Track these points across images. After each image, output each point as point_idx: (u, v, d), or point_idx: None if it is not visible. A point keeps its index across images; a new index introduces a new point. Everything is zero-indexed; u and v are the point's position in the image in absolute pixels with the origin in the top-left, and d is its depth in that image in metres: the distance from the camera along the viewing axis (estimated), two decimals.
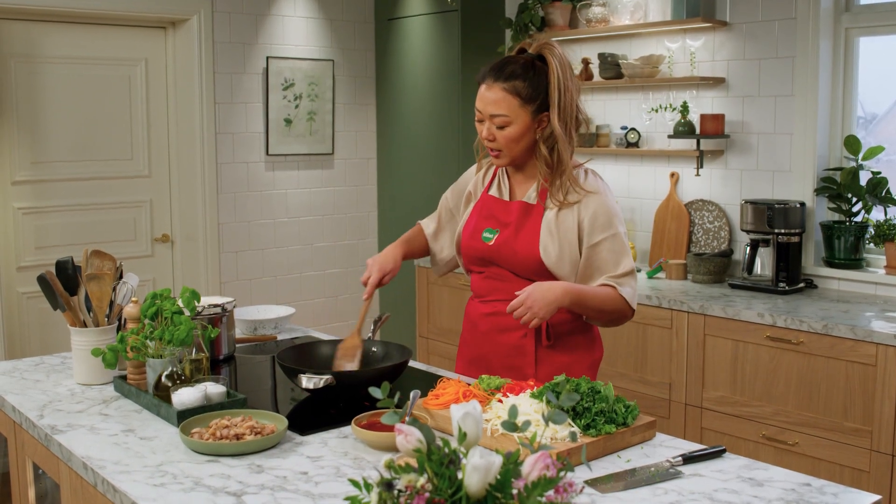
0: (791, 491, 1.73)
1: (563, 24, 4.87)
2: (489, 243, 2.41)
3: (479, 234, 2.43)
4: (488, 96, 2.32)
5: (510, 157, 2.36)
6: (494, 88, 2.31)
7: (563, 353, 2.41)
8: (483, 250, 2.42)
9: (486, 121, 2.34)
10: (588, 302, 2.29)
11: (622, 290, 2.32)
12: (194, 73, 4.97)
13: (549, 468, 1.18)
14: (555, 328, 2.39)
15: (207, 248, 5.11)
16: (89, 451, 1.95)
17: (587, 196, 2.33)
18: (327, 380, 2.16)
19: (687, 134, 4.27)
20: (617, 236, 2.34)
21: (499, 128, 2.32)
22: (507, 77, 2.30)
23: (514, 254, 2.36)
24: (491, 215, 2.44)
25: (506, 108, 2.29)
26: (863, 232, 3.93)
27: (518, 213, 2.39)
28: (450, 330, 4.88)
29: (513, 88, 2.29)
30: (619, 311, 2.34)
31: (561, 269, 2.32)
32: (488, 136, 2.34)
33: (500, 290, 2.41)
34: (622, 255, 2.34)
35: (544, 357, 2.40)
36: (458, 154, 5.21)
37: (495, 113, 2.30)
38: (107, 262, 2.53)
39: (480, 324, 2.49)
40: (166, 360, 2.23)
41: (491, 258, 2.41)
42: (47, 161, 4.70)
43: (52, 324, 4.67)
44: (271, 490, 1.73)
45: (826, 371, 3.37)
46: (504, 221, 2.41)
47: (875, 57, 4.01)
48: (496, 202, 2.45)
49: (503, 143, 2.33)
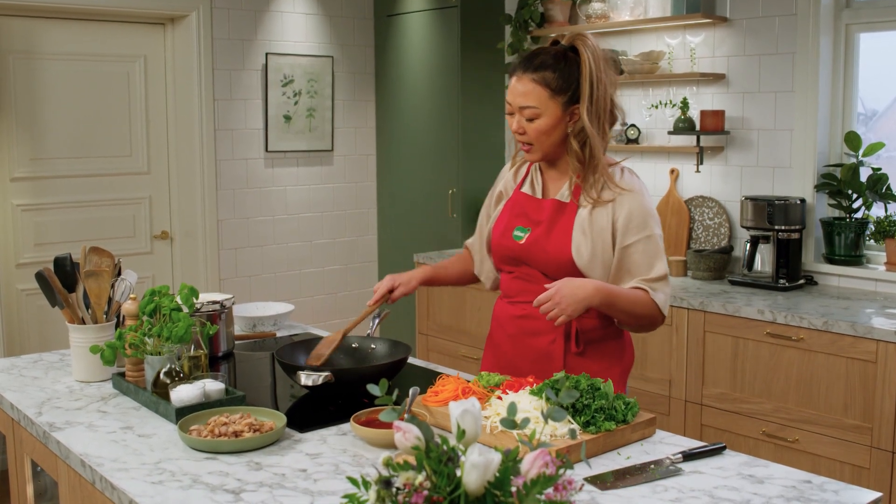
0: (791, 488, 1.72)
1: (562, 20, 4.86)
2: (520, 242, 2.32)
3: (510, 233, 2.35)
4: (518, 88, 2.25)
5: (541, 150, 2.28)
6: (524, 80, 2.24)
7: (592, 360, 2.31)
8: (514, 249, 2.33)
9: (516, 113, 2.27)
10: (619, 303, 2.19)
11: (654, 294, 2.22)
12: (193, 69, 4.96)
13: (548, 466, 1.17)
14: (585, 334, 2.29)
15: (207, 245, 5.10)
16: (87, 449, 1.95)
17: (622, 194, 2.24)
18: (326, 377, 2.15)
19: (687, 130, 4.27)
20: (652, 238, 2.24)
21: (528, 120, 2.24)
22: (537, 68, 2.23)
23: (544, 253, 2.27)
24: (522, 213, 2.36)
25: (535, 99, 2.22)
26: (863, 228, 3.92)
27: (550, 212, 2.30)
28: (449, 327, 4.88)
29: (542, 79, 2.21)
30: (649, 316, 2.24)
31: (593, 271, 2.24)
32: (518, 128, 2.27)
33: (529, 291, 2.31)
34: (656, 258, 2.24)
35: (573, 364, 2.29)
36: (458, 150, 5.20)
37: (524, 105, 2.23)
38: (105, 259, 2.52)
39: (508, 326, 2.40)
40: (165, 357, 2.22)
41: (521, 257, 2.33)
42: (46, 158, 4.69)
43: (51, 321, 4.66)
44: (270, 487, 1.73)
45: (826, 368, 3.36)
46: (536, 220, 2.32)
47: (875, 53, 4.00)
48: (528, 200, 2.37)
49: (533, 137, 2.25)
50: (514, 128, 2.28)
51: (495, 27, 5.22)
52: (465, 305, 4.78)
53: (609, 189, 2.25)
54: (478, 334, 4.72)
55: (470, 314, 4.76)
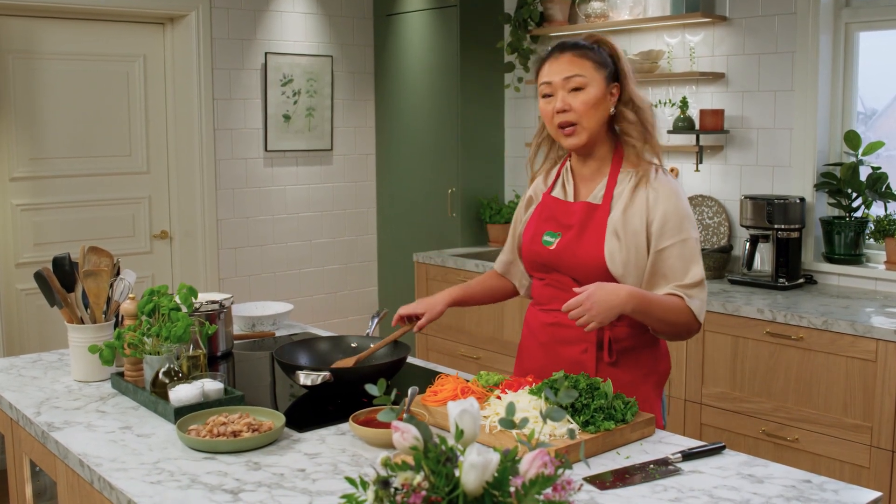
0: (791, 488, 1.72)
1: (562, 19, 4.86)
2: (550, 248, 2.22)
3: (540, 238, 2.26)
4: (557, 64, 2.16)
5: (588, 130, 2.16)
6: (563, 56, 2.16)
7: (625, 370, 2.21)
8: (543, 255, 2.24)
9: (556, 92, 2.16)
10: (653, 310, 2.07)
11: (690, 301, 2.11)
12: (193, 69, 4.96)
13: (546, 466, 1.17)
14: (617, 343, 2.19)
15: (206, 245, 5.10)
16: (86, 449, 1.94)
17: (657, 195, 2.15)
18: (325, 377, 2.15)
19: (686, 129, 4.26)
20: (688, 241, 2.13)
21: (574, 90, 2.13)
22: (573, 47, 2.17)
23: (575, 259, 2.17)
24: (552, 217, 2.26)
25: (580, 68, 2.13)
26: (863, 227, 3.92)
27: (581, 215, 2.20)
28: (449, 326, 4.88)
29: (582, 54, 2.15)
30: (685, 324, 2.12)
31: (627, 277, 2.14)
32: (562, 105, 2.14)
33: (560, 298, 2.17)
34: (692, 263, 2.13)
35: (605, 374, 2.18)
36: (457, 150, 5.20)
37: (570, 74, 2.13)
38: (104, 259, 2.52)
39: (540, 333, 2.30)
40: (163, 357, 2.22)
41: (552, 264, 2.23)
42: (45, 157, 4.69)
43: (51, 321, 4.66)
44: (268, 487, 1.72)
45: (826, 367, 3.36)
46: (566, 224, 2.22)
47: (875, 52, 4.00)
48: (558, 203, 2.27)
49: (581, 111, 2.13)
50: (558, 106, 2.15)
51: (494, 26, 5.21)
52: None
53: (643, 188, 2.17)
54: (477, 334, 4.72)
55: (469, 314, 4.75)
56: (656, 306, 2.08)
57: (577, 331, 2.15)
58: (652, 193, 2.16)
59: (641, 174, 2.18)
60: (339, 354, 2.47)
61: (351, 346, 2.51)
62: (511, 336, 4.54)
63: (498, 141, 5.37)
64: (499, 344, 4.61)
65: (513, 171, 5.38)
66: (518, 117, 5.31)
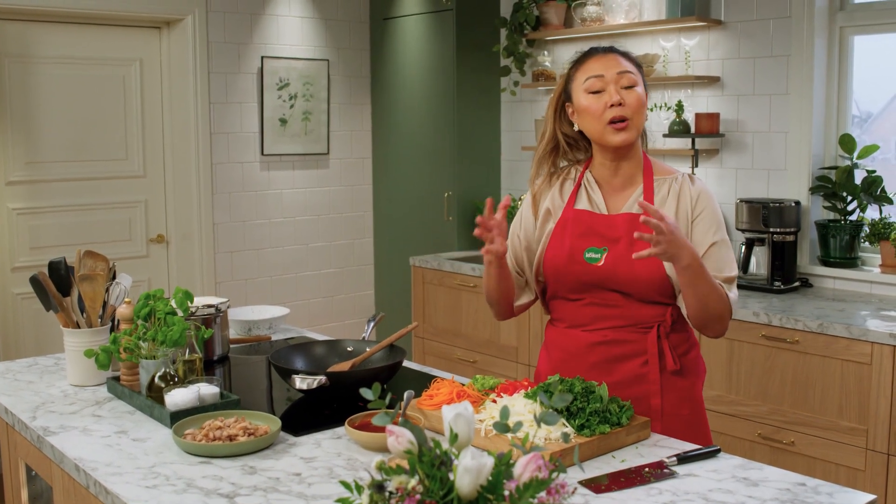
0: (786, 490, 1.72)
1: (557, 23, 4.87)
2: (597, 264, 2.12)
3: (580, 255, 2.14)
4: (608, 59, 2.14)
5: (637, 128, 2.13)
6: (610, 56, 2.14)
7: (682, 376, 2.18)
8: (591, 272, 2.13)
9: (609, 86, 2.11)
10: (706, 278, 2.01)
11: (730, 292, 2.09)
12: (189, 73, 4.96)
13: (541, 469, 1.17)
14: (675, 350, 2.16)
15: (202, 249, 5.10)
16: (82, 453, 1.94)
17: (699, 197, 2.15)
18: (321, 381, 2.15)
19: (682, 133, 4.27)
20: (725, 242, 2.14)
21: (627, 87, 2.11)
22: (614, 50, 2.18)
23: (631, 272, 2.10)
24: (591, 232, 2.16)
25: (631, 67, 2.14)
26: (858, 231, 3.93)
27: (627, 227, 2.12)
28: (445, 330, 4.88)
29: (628, 57, 2.17)
30: (721, 311, 2.07)
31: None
32: (617, 99, 2.09)
33: (608, 316, 2.14)
34: (729, 261, 2.13)
35: (669, 384, 2.15)
36: (453, 153, 5.20)
37: (624, 69, 2.12)
38: (100, 263, 2.52)
39: (588, 355, 2.17)
40: (159, 361, 2.22)
41: (599, 281, 2.13)
42: (42, 161, 4.69)
43: (46, 325, 4.65)
44: (264, 491, 1.72)
45: (821, 370, 3.37)
46: (611, 237, 2.14)
47: (870, 55, 4.01)
48: (592, 217, 2.17)
49: (635, 107, 2.10)
50: (615, 99, 2.09)
51: (490, 30, 5.22)
52: (461, 308, 4.78)
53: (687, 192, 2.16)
54: (473, 337, 4.73)
55: (465, 317, 4.76)
56: (709, 277, 2.03)
57: (633, 346, 2.13)
58: (695, 194, 2.16)
59: (682, 180, 2.18)
60: (335, 358, 2.48)
61: (347, 350, 2.51)
62: (507, 340, 4.54)
63: (494, 144, 5.38)
64: (495, 348, 4.62)
65: (509, 175, 5.38)
66: (514, 121, 5.31)
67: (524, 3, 4.93)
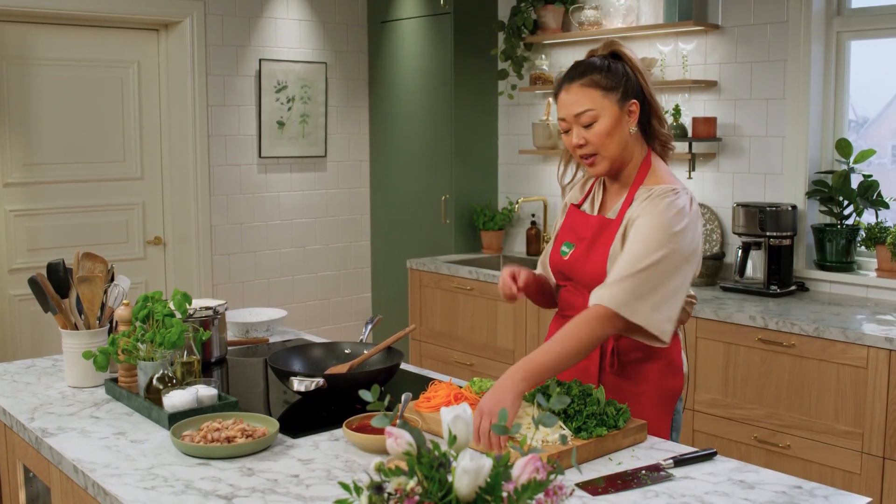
0: (782, 493, 1.73)
1: (555, 27, 4.88)
2: (565, 258, 2.28)
3: (559, 248, 2.32)
4: (568, 98, 2.16)
5: (608, 158, 2.16)
6: (572, 89, 2.16)
7: (629, 381, 2.20)
8: (560, 264, 2.30)
9: (572, 127, 2.17)
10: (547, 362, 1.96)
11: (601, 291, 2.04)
12: (187, 75, 4.97)
13: (538, 471, 1.18)
14: (622, 355, 2.20)
15: (200, 251, 5.10)
16: (80, 454, 1.95)
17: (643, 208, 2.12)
18: (319, 383, 2.15)
19: (679, 137, 4.28)
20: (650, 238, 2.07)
21: (587, 126, 2.14)
22: (582, 73, 2.16)
23: (583, 271, 2.22)
24: (572, 228, 2.31)
25: (588, 102, 2.13)
26: (854, 235, 3.94)
27: (595, 229, 2.23)
28: (442, 332, 4.88)
29: (590, 82, 2.14)
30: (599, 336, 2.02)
31: None
32: (578, 141, 2.15)
33: (576, 306, 2.22)
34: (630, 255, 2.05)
35: (609, 383, 2.20)
36: (451, 156, 5.21)
37: (579, 111, 2.14)
38: (98, 265, 2.53)
39: None
40: (157, 363, 2.23)
41: (567, 273, 2.28)
42: (39, 163, 4.69)
43: (44, 326, 4.65)
44: (262, 493, 1.73)
45: (817, 374, 3.38)
46: (581, 236, 2.27)
47: (866, 60, 4.02)
48: (579, 216, 2.31)
49: (597, 143, 2.14)
50: (575, 142, 2.16)
51: (488, 34, 5.23)
52: (458, 311, 4.79)
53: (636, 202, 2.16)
54: (470, 340, 4.73)
55: (462, 320, 4.76)
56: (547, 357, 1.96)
57: None
58: (640, 206, 2.13)
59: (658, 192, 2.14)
60: (332, 361, 2.48)
61: (345, 353, 2.52)
62: (504, 342, 4.55)
63: (491, 148, 5.39)
64: (492, 350, 4.62)
65: (506, 179, 5.39)
66: (512, 124, 5.32)
67: (522, 6, 4.94)
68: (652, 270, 2.03)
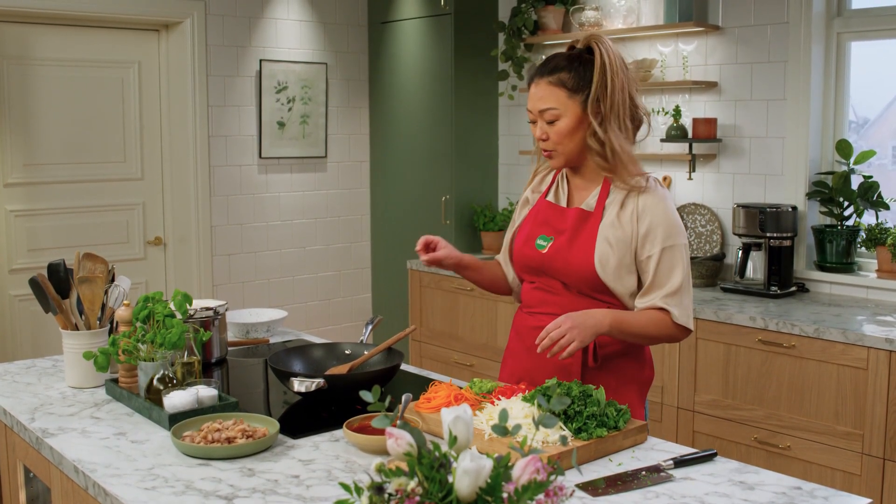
0: (782, 494, 1.73)
1: (556, 27, 4.88)
2: (542, 251, 2.27)
3: (533, 241, 2.30)
4: (536, 93, 2.22)
5: (564, 155, 2.24)
6: (541, 84, 2.21)
7: (610, 375, 2.25)
8: (535, 258, 2.29)
9: (537, 120, 2.24)
10: (631, 329, 2.16)
11: (673, 311, 2.17)
12: (187, 75, 4.97)
13: (539, 472, 1.18)
14: (602, 349, 2.25)
15: (200, 251, 5.10)
16: (80, 455, 1.95)
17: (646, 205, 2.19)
18: (319, 383, 2.15)
19: (679, 138, 4.28)
20: (674, 247, 2.19)
21: (549, 123, 2.21)
22: (552, 71, 2.20)
23: (566, 264, 2.22)
24: (546, 221, 2.31)
25: (553, 100, 2.19)
26: (854, 236, 3.94)
27: (574, 221, 2.25)
28: (442, 333, 4.88)
29: (558, 80, 2.19)
30: (667, 336, 2.20)
31: (617, 282, 2.20)
32: (541, 134, 2.23)
33: (549, 302, 2.28)
34: (671, 271, 2.18)
35: (591, 379, 2.24)
36: (451, 157, 5.21)
37: (544, 108, 2.20)
38: (99, 265, 2.53)
39: (527, 337, 2.31)
40: (158, 364, 2.23)
41: (543, 267, 2.28)
42: (40, 163, 4.69)
43: (44, 327, 4.65)
44: (262, 493, 1.73)
45: (818, 374, 3.38)
46: (559, 229, 2.27)
47: (867, 61, 4.03)
48: (552, 208, 2.32)
49: (556, 140, 2.21)
50: (538, 134, 2.25)
51: (489, 34, 5.23)
52: (458, 312, 4.79)
53: (633, 198, 2.21)
54: (471, 341, 4.73)
55: (462, 320, 4.76)
56: (634, 325, 2.17)
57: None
58: (641, 202, 2.20)
59: (633, 183, 2.21)
60: (333, 361, 2.48)
61: (345, 353, 2.52)
62: (504, 343, 4.54)
63: (492, 148, 5.39)
64: (492, 351, 4.62)
65: (507, 179, 5.39)
66: (512, 125, 5.32)
67: (522, 7, 4.94)
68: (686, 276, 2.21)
